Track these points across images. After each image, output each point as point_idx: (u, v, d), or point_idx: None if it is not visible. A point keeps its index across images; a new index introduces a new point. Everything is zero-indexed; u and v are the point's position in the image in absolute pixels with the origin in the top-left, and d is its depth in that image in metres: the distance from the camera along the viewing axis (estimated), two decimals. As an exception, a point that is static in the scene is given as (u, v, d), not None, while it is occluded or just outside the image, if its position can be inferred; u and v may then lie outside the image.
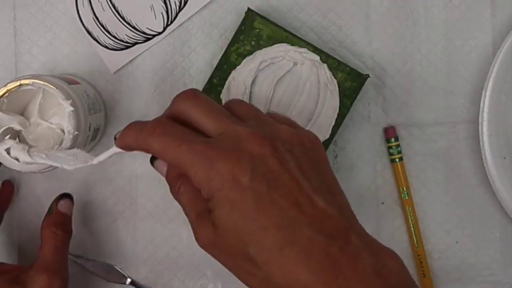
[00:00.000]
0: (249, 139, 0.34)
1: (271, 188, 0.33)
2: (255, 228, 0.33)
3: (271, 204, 0.33)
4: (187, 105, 0.37)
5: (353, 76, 0.48)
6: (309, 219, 0.33)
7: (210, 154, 0.34)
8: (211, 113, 0.36)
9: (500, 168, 0.50)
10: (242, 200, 0.33)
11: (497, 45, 0.51)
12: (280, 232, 0.33)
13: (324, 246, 0.33)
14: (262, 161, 0.34)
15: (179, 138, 0.35)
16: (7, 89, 0.42)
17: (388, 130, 0.51)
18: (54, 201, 0.47)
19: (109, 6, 0.50)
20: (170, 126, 0.36)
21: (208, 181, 0.34)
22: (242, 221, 0.33)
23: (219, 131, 0.35)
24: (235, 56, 0.48)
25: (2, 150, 0.42)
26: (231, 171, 0.33)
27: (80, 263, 0.51)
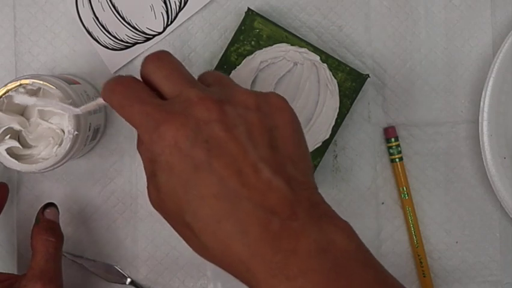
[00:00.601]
0: (198, 103, 0.33)
1: (211, 156, 0.32)
2: (192, 197, 0.32)
3: (211, 173, 0.32)
4: (151, 67, 0.36)
5: (353, 76, 0.48)
6: (250, 192, 0.31)
7: (157, 117, 0.33)
8: (170, 76, 0.35)
9: (500, 168, 0.50)
10: (181, 167, 0.32)
11: (497, 45, 0.51)
12: (218, 203, 0.31)
13: (264, 221, 0.31)
14: (207, 127, 0.32)
15: (133, 98, 0.34)
16: (7, 89, 0.42)
17: (388, 130, 0.51)
18: (39, 211, 0.47)
19: (109, 6, 0.50)
20: (130, 87, 0.35)
21: (151, 144, 0.33)
22: (180, 188, 0.32)
23: (174, 94, 0.34)
24: (235, 56, 0.48)
25: (2, 150, 0.42)
26: (173, 135, 0.32)
27: (80, 263, 0.51)
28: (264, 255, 0.31)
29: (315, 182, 0.35)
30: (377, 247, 0.51)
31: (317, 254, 0.31)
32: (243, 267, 0.32)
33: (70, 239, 0.51)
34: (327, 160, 0.51)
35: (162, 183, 0.33)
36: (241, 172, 0.32)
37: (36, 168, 0.43)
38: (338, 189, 0.51)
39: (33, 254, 0.45)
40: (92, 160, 0.51)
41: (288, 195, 0.32)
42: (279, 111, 0.35)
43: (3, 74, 0.51)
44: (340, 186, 0.51)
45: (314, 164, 0.48)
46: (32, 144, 0.45)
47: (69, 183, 0.51)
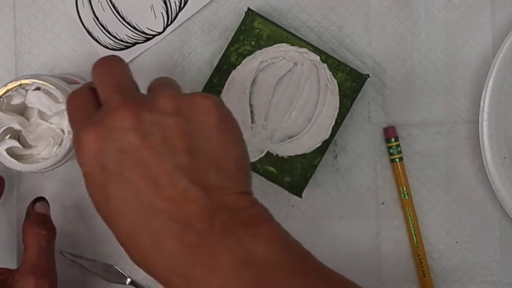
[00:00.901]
0: (115, 110, 0.32)
1: (125, 166, 0.31)
2: (114, 211, 0.31)
3: (126, 185, 0.31)
4: (94, 73, 0.36)
5: (353, 76, 0.48)
6: (165, 203, 0.30)
7: (80, 126, 0.33)
8: (104, 82, 0.35)
9: (500, 168, 0.50)
10: (99, 179, 0.32)
11: (497, 45, 0.51)
12: (135, 216, 0.31)
13: (179, 234, 0.30)
14: (122, 137, 0.31)
15: (75, 106, 0.35)
16: (7, 89, 0.42)
17: (388, 130, 0.51)
18: (30, 205, 0.46)
19: (109, 6, 0.50)
20: (77, 93, 0.36)
21: (77, 152, 0.33)
22: (102, 201, 0.32)
23: (103, 101, 0.34)
24: (235, 56, 0.48)
25: (2, 150, 0.42)
26: (90, 145, 0.32)
27: (80, 263, 0.51)
28: (181, 270, 0.30)
29: (248, 185, 0.34)
30: (377, 247, 0.51)
31: (237, 268, 0.29)
32: (165, 282, 0.31)
33: (69, 239, 0.51)
34: (327, 160, 0.51)
35: (89, 194, 0.33)
36: (157, 182, 0.31)
37: (36, 168, 0.43)
38: (338, 189, 0.51)
39: (25, 249, 0.44)
40: (92, 160, 0.51)
41: (206, 205, 0.31)
42: (203, 113, 0.34)
43: (3, 74, 0.51)
44: (340, 186, 0.51)
45: (314, 164, 0.48)
46: (32, 144, 0.45)
47: (69, 182, 0.51)
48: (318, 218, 0.51)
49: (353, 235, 0.51)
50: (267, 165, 0.48)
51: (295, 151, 0.48)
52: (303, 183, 0.48)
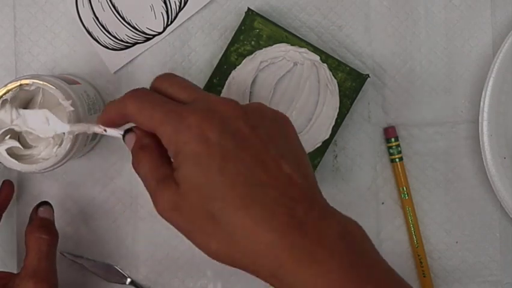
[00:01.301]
0: (221, 102, 0.35)
1: (238, 146, 0.33)
2: (221, 185, 0.32)
3: (238, 162, 0.33)
4: (163, 82, 0.38)
5: (353, 76, 0.48)
6: (275, 181, 0.33)
7: (181, 110, 0.34)
8: (186, 87, 0.37)
9: (500, 168, 0.50)
10: (209, 155, 0.33)
11: (497, 45, 0.51)
12: (246, 190, 0.32)
13: (289, 208, 0.32)
14: (233, 122, 0.34)
15: (153, 101, 0.36)
16: (7, 89, 0.42)
17: (388, 130, 0.51)
18: (33, 210, 0.47)
19: (109, 6, 0.50)
20: (146, 92, 0.37)
21: (176, 134, 0.34)
22: (207, 176, 0.33)
23: (192, 100, 0.36)
24: (235, 56, 0.48)
25: (2, 151, 0.42)
26: (200, 125, 0.33)
27: (80, 263, 0.51)
28: (292, 239, 0.32)
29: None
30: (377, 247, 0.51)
31: (341, 238, 0.32)
32: (271, 255, 0.32)
33: (70, 239, 0.51)
34: (327, 160, 0.51)
35: (187, 174, 0.33)
36: (266, 164, 0.33)
37: (36, 168, 0.43)
38: (338, 189, 0.51)
39: (27, 253, 0.44)
40: (92, 160, 0.51)
41: (307, 189, 0.34)
42: (286, 124, 0.37)
43: (3, 74, 0.51)
44: (340, 186, 0.51)
45: (314, 164, 0.48)
46: (32, 144, 0.45)
47: (69, 183, 0.51)
48: (318, 218, 0.51)
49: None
50: (267, 165, 0.48)
51: (295, 151, 0.48)
52: (303, 183, 0.48)
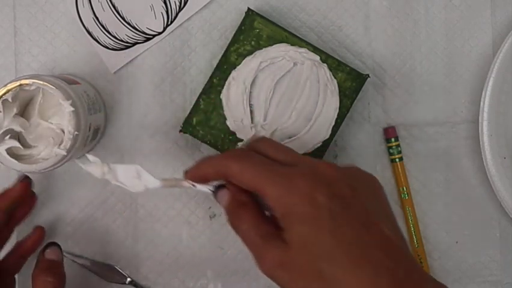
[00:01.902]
0: (325, 166, 0.37)
1: (344, 208, 0.35)
2: (331, 245, 0.34)
3: (346, 224, 0.35)
4: (264, 144, 0.40)
5: (353, 76, 0.48)
6: (378, 243, 0.35)
7: (288, 173, 0.36)
8: (287, 150, 0.39)
9: (500, 168, 0.50)
10: (319, 217, 0.35)
11: (497, 45, 0.51)
12: (354, 250, 0.34)
13: (392, 269, 0.34)
14: (337, 185, 0.36)
15: (257, 162, 0.37)
16: (7, 89, 0.42)
17: (388, 130, 0.51)
18: (40, 252, 0.46)
19: (109, 6, 0.50)
20: (252, 155, 0.38)
21: (286, 196, 0.35)
22: (318, 237, 0.34)
23: (292, 162, 0.38)
24: (235, 56, 0.48)
25: (2, 151, 0.42)
26: (309, 188, 0.35)
27: (80, 263, 0.51)
28: None
29: None
30: (377, 247, 0.51)
31: None
32: None
33: (69, 239, 0.51)
34: (327, 160, 0.51)
35: (296, 234, 0.35)
36: (368, 226, 0.35)
37: (36, 168, 0.43)
38: (338, 189, 0.51)
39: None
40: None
41: (405, 251, 0.36)
42: (378, 187, 0.39)
43: (3, 74, 0.51)
44: (340, 186, 0.51)
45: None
46: (32, 144, 0.45)
47: (69, 183, 0.51)
48: (318, 218, 0.51)
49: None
50: (267, 165, 0.48)
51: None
52: (303, 183, 0.48)
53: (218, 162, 0.39)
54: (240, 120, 0.48)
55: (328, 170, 0.37)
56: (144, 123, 0.51)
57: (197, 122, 0.48)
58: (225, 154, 0.39)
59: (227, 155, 0.39)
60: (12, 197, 0.46)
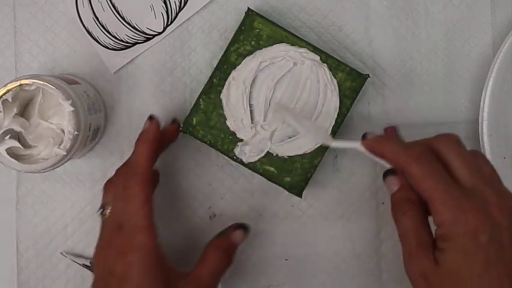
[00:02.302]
0: (496, 206, 0.38)
1: (499, 255, 0.36)
2: (475, 285, 0.36)
3: (495, 269, 0.36)
4: (451, 150, 0.40)
5: (353, 76, 0.48)
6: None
7: (462, 203, 0.37)
8: (470, 166, 0.39)
9: (500, 168, 0.49)
10: (475, 255, 0.36)
11: (497, 45, 0.51)
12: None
13: None
14: (500, 231, 0.37)
15: (441, 176, 0.38)
16: (7, 89, 0.42)
17: (388, 130, 0.51)
18: (230, 227, 0.47)
19: (109, 6, 0.50)
20: (434, 161, 0.39)
21: (452, 224, 0.37)
22: (467, 272, 0.36)
23: (470, 185, 0.38)
24: (235, 56, 0.48)
25: (2, 151, 0.42)
26: (476, 225, 0.37)
27: (80, 263, 0.51)
28: None
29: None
30: (377, 247, 0.51)
31: None
32: None
33: (69, 239, 0.51)
34: (327, 160, 0.51)
35: (450, 261, 0.37)
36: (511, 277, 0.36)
37: (36, 168, 0.43)
38: (338, 189, 0.51)
39: (201, 262, 0.45)
40: (92, 160, 0.51)
41: None
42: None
43: (3, 74, 0.51)
44: (340, 186, 0.51)
45: (314, 164, 0.48)
46: (32, 144, 0.45)
47: (69, 183, 0.51)
48: (318, 218, 0.51)
49: (353, 235, 0.51)
50: (267, 165, 0.48)
51: (295, 151, 0.48)
52: (303, 183, 0.48)
53: (400, 154, 0.40)
54: (240, 120, 0.48)
55: (498, 214, 0.37)
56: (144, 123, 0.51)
57: (197, 122, 0.48)
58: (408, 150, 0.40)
59: (411, 153, 0.39)
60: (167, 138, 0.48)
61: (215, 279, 0.44)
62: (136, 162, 0.43)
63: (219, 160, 0.51)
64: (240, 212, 0.51)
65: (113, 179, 0.44)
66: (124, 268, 0.41)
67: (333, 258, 0.52)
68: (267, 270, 0.46)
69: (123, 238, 0.41)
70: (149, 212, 0.42)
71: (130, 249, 0.41)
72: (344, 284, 0.51)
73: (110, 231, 0.42)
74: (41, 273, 0.51)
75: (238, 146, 0.48)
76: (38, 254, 0.51)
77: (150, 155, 0.44)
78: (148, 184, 0.43)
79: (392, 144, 0.41)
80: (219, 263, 0.45)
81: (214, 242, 0.46)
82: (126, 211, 0.42)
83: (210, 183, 0.51)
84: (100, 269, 0.42)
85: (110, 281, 0.41)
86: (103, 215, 0.43)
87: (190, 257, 0.51)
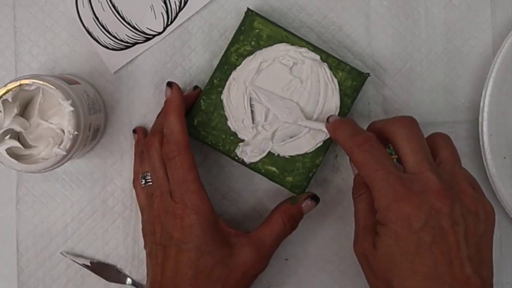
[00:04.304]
0: (435, 192, 0.38)
1: (434, 242, 0.37)
2: (406, 268, 0.37)
3: (429, 256, 0.37)
4: (401, 133, 0.41)
5: (354, 75, 0.48)
6: (454, 281, 0.37)
7: (398, 189, 0.38)
8: (418, 151, 0.40)
9: (500, 168, 0.50)
10: (406, 240, 0.37)
11: (497, 45, 0.51)
12: (425, 281, 0.37)
13: None
14: (437, 217, 0.38)
15: (379, 163, 0.39)
16: (7, 89, 0.42)
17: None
18: (303, 195, 0.48)
19: (109, 6, 0.50)
20: (376, 148, 0.40)
21: (386, 210, 0.38)
22: (398, 256, 0.38)
23: (414, 170, 0.39)
24: (236, 56, 0.48)
25: (2, 151, 0.42)
26: (408, 213, 0.37)
27: (80, 263, 0.50)
28: None
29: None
30: (377, 247, 0.51)
31: None
32: None
33: (69, 239, 0.51)
34: (327, 160, 0.51)
35: (383, 246, 0.39)
36: (451, 263, 0.37)
37: (36, 168, 0.43)
38: (338, 189, 0.51)
39: (266, 224, 0.46)
40: (92, 160, 0.51)
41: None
42: (489, 220, 0.40)
43: (3, 74, 0.51)
44: (340, 186, 0.51)
45: (316, 164, 0.48)
46: (32, 144, 0.45)
47: (69, 183, 0.51)
48: (318, 218, 0.51)
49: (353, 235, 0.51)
50: (269, 165, 0.48)
51: (296, 151, 0.48)
52: (305, 182, 0.48)
53: (347, 140, 0.42)
54: (241, 120, 0.48)
55: (435, 200, 0.38)
56: (144, 123, 0.51)
57: (198, 123, 0.48)
58: (354, 137, 0.41)
59: (355, 140, 0.41)
60: (189, 102, 0.48)
61: (276, 243, 0.46)
62: (172, 132, 0.45)
63: (220, 160, 0.51)
64: (241, 212, 0.51)
65: (146, 149, 0.46)
66: (182, 231, 0.43)
67: (333, 258, 0.52)
68: (267, 270, 0.46)
69: (176, 204, 0.44)
70: (197, 176, 0.44)
71: (185, 213, 0.43)
72: (344, 284, 0.51)
73: (161, 199, 0.45)
74: (41, 273, 0.51)
75: (239, 147, 0.48)
76: (38, 254, 0.51)
77: (182, 121, 0.45)
78: (189, 150, 0.44)
79: (343, 129, 0.43)
80: (284, 228, 0.46)
81: (283, 207, 0.47)
82: (174, 179, 0.44)
83: (210, 183, 0.51)
84: (158, 235, 0.44)
85: (170, 244, 0.43)
86: (147, 183, 0.46)
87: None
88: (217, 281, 0.43)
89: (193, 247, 0.43)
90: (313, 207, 0.48)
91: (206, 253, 0.43)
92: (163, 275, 0.43)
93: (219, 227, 0.45)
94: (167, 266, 0.43)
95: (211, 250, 0.43)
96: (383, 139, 0.42)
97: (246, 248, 0.45)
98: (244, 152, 0.48)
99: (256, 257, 0.45)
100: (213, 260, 0.43)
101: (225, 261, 0.44)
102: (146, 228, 0.46)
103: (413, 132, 0.41)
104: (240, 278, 0.44)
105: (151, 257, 0.45)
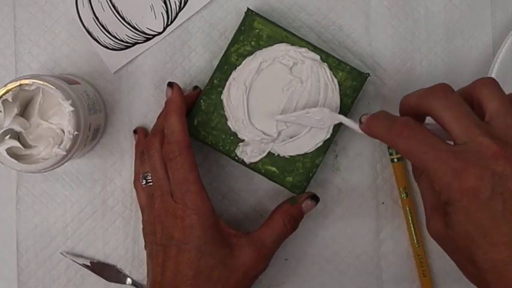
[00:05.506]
0: (492, 157, 0.35)
1: (506, 208, 0.35)
2: (484, 242, 0.35)
3: (504, 223, 0.35)
4: (438, 105, 0.38)
5: (354, 75, 0.48)
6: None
7: (454, 165, 0.36)
8: (461, 118, 0.37)
9: (501, 168, 0.49)
10: (478, 214, 0.35)
11: (497, 45, 0.51)
12: (506, 251, 0.35)
13: None
14: (502, 180, 0.35)
15: (426, 144, 0.37)
16: (7, 89, 0.42)
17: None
18: (303, 195, 0.48)
19: (109, 6, 0.50)
20: (418, 131, 0.38)
21: (449, 189, 0.36)
22: (474, 232, 0.36)
23: (464, 140, 0.37)
24: (236, 56, 0.48)
25: (2, 151, 0.42)
26: (472, 185, 0.35)
27: (80, 263, 0.51)
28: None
29: None
30: (377, 247, 0.51)
31: None
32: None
33: (69, 239, 0.51)
34: (327, 160, 0.51)
35: (456, 224, 0.37)
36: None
37: (36, 168, 0.43)
38: (338, 189, 0.51)
39: (267, 225, 0.46)
40: (92, 160, 0.51)
41: None
42: None
43: (3, 74, 0.51)
44: (340, 186, 0.51)
45: (316, 164, 0.48)
46: (32, 144, 0.45)
47: (69, 183, 0.51)
48: (318, 218, 0.51)
49: (353, 235, 0.52)
50: (269, 165, 0.48)
51: (296, 151, 0.48)
52: (305, 182, 0.48)
53: (385, 133, 0.40)
54: (241, 120, 0.48)
55: (495, 164, 0.35)
56: (144, 123, 0.51)
57: (198, 123, 0.48)
58: (395, 127, 0.39)
59: (393, 131, 0.39)
60: (189, 102, 0.48)
61: (276, 244, 0.46)
62: (172, 132, 0.45)
63: (220, 160, 0.51)
64: (241, 212, 0.51)
65: (147, 149, 0.46)
66: (182, 232, 0.43)
67: (333, 258, 0.52)
68: (267, 270, 0.46)
69: (177, 204, 0.44)
70: (198, 177, 0.44)
71: (186, 213, 0.43)
72: (344, 284, 0.51)
73: (162, 199, 0.45)
74: (41, 273, 0.51)
75: (239, 147, 0.48)
76: (38, 254, 0.51)
77: (183, 122, 0.45)
78: (190, 150, 0.45)
79: (377, 125, 0.41)
80: (284, 228, 0.46)
81: (284, 208, 0.47)
82: (175, 179, 0.44)
83: (210, 183, 0.51)
84: (159, 236, 0.44)
85: (170, 244, 0.43)
86: (147, 183, 0.46)
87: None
88: (218, 282, 0.43)
89: (193, 247, 0.43)
90: (313, 207, 0.48)
91: (206, 253, 0.43)
92: (164, 275, 0.43)
93: (219, 227, 0.45)
94: (168, 266, 0.43)
95: (212, 250, 0.43)
96: (421, 115, 0.40)
97: (246, 248, 0.45)
98: (244, 152, 0.48)
99: (256, 257, 0.45)
100: (213, 260, 0.43)
101: (226, 261, 0.44)
102: (146, 228, 0.46)
103: (450, 100, 0.38)
104: (240, 278, 0.44)
105: (152, 257, 0.45)
